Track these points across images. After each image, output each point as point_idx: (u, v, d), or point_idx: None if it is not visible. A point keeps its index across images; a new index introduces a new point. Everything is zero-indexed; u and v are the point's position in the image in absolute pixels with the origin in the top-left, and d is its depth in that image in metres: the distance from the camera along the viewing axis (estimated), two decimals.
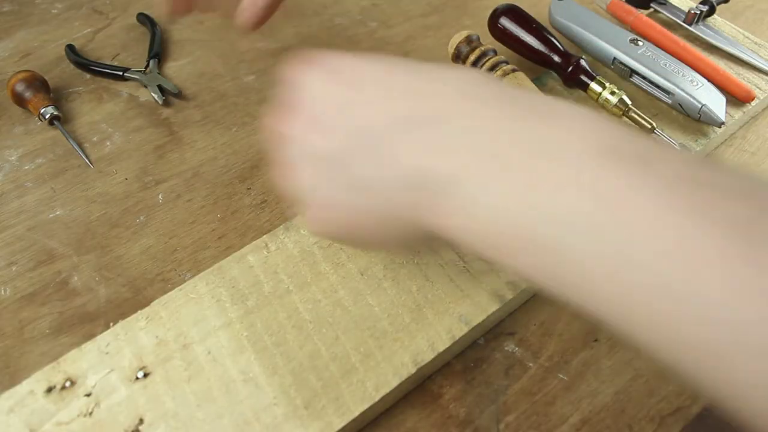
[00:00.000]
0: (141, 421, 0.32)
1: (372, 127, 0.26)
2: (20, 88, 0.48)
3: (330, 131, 0.27)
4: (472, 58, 0.48)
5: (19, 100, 0.49)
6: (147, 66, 0.53)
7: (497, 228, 0.24)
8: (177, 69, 0.54)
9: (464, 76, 0.27)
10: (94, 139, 0.48)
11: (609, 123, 0.23)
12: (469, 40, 0.49)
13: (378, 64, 0.28)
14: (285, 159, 0.30)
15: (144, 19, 0.58)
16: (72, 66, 0.54)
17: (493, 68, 0.47)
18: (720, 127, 0.47)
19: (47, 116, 0.48)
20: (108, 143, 0.48)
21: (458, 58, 0.49)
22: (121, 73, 0.52)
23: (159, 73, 0.53)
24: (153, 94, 0.51)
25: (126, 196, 0.44)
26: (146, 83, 0.52)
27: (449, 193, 0.24)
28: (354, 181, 0.27)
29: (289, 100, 0.29)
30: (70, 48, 0.54)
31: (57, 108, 0.48)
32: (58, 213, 0.43)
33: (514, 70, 0.47)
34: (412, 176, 0.25)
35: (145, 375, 0.33)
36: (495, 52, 0.49)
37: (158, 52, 0.55)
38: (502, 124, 0.24)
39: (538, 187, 0.22)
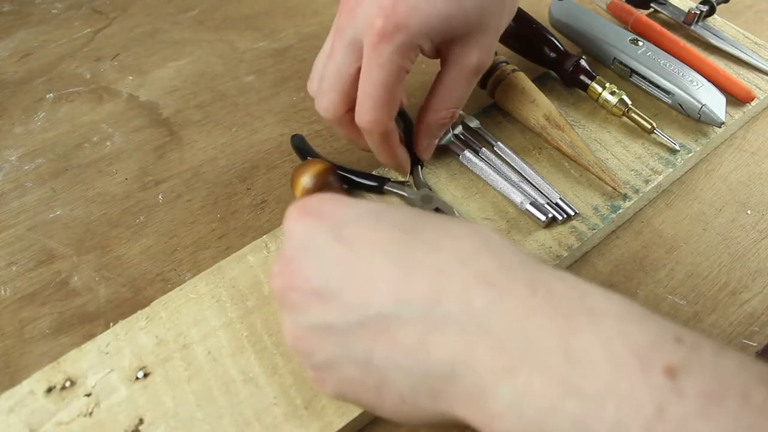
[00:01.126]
0: (141, 421, 0.32)
1: (375, 308, 0.25)
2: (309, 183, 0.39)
3: (333, 303, 0.26)
4: None
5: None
6: (411, 173, 0.42)
7: (519, 427, 0.23)
8: (177, 69, 0.54)
9: (464, 242, 0.26)
10: (95, 139, 0.48)
11: (638, 323, 0.23)
12: None
13: (376, 222, 0.27)
14: (291, 322, 0.28)
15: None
16: (72, 66, 0.54)
17: (492, 68, 0.47)
18: (720, 127, 0.47)
19: None
20: (108, 143, 0.48)
21: None
22: (376, 184, 0.41)
23: (430, 189, 0.42)
24: None
25: (126, 196, 0.44)
26: (418, 203, 0.41)
27: (469, 387, 0.24)
28: (367, 365, 0.26)
29: (288, 255, 0.28)
30: (300, 140, 0.44)
31: None
32: (58, 213, 0.43)
33: (514, 71, 0.47)
34: (428, 367, 0.24)
35: (145, 375, 0.33)
36: (495, 52, 0.48)
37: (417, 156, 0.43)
38: (525, 320, 0.23)
39: (567, 393, 0.22)
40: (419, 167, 0.43)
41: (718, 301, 0.39)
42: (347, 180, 0.42)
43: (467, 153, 0.44)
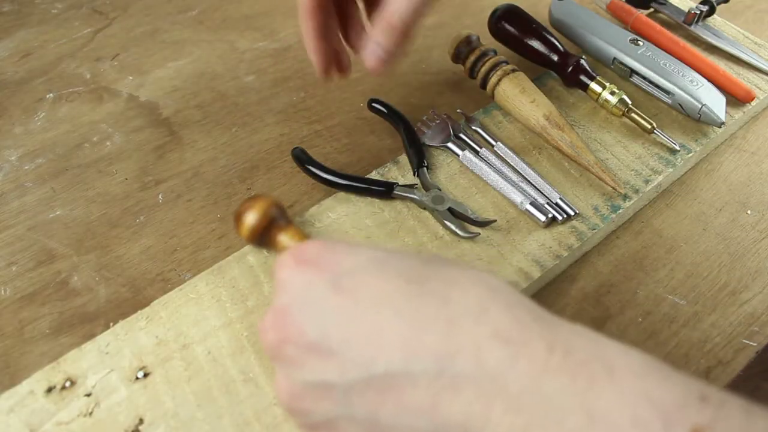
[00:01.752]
0: (141, 421, 0.32)
1: (382, 365, 0.24)
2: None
3: (333, 359, 0.25)
4: (472, 58, 0.48)
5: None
6: (416, 174, 0.43)
7: None
8: (177, 69, 0.54)
9: (472, 294, 0.25)
10: (95, 139, 0.48)
11: (661, 382, 0.22)
12: (468, 40, 0.49)
13: (378, 272, 0.26)
14: (284, 378, 0.27)
15: (381, 108, 0.48)
16: (72, 66, 0.54)
17: (493, 68, 0.47)
18: (720, 127, 0.47)
19: None
20: (108, 143, 0.48)
21: (458, 58, 0.49)
22: (384, 190, 0.41)
23: (440, 189, 0.41)
24: (449, 225, 0.39)
25: (126, 196, 0.44)
26: (430, 205, 0.40)
27: None
28: (372, 425, 0.25)
29: (282, 306, 0.27)
30: (300, 151, 0.44)
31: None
32: (58, 213, 0.43)
33: (513, 70, 0.47)
34: (441, 427, 0.23)
35: (145, 375, 0.33)
36: (495, 52, 0.48)
37: (421, 155, 0.43)
38: (543, 379, 0.22)
39: None
40: (425, 169, 0.43)
41: (718, 301, 0.39)
42: (354, 188, 0.42)
43: (467, 153, 0.44)
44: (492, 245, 0.40)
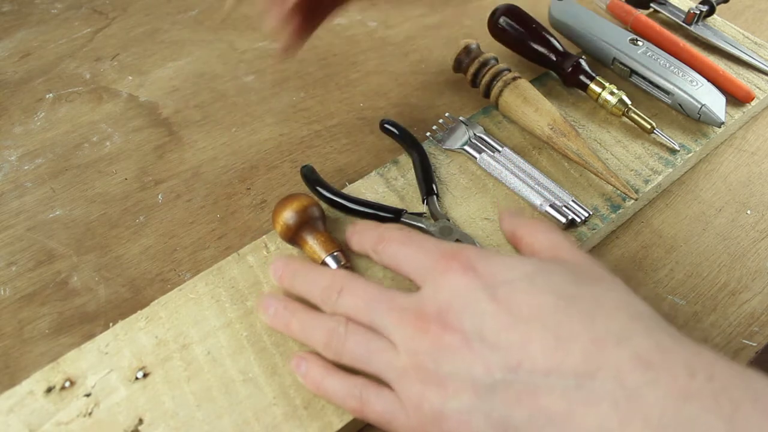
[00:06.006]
0: (140, 421, 0.32)
1: (526, 370, 0.25)
2: (292, 220, 0.37)
3: (482, 356, 0.26)
4: (472, 69, 0.48)
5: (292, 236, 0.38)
6: (425, 202, 0.41)
7: None
8: (177, 69, 0.54)
9: (617, 317, 0.26)
10: (94, 139, 0.48)
11: None
12: (468, 50, 0.48)
13: (530, 286, 0.28)
14: (432, 361, 0.28)
15: (393, 130, 0.46)
16: (72, 66, 0.54)
17: (494, 77, 0.47)
18: (720, 127, 0.47)
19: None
20: (108, 143, 0.48)
21: (459, 68, 0.49)
22: (392, 216, 0.40)
23: (448, 220, 0.40)
24: None
25: (126, 196, 0.44)
26: (437, 236, 0.39)
27: None
28: (504, 424, 0.25)
29: (445, 301, 0.28)
30: (309, 171, 0.42)
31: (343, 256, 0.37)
32: (57, 213, 0.43)
33: (515, 78, 0.46)
34: None
35: (145, 375, 0.33)
36: (497, 60, 0.48)
37: (431, 183, 0.42)
38: (685, 402, 0.23)
39: None
40: (434, 197, 0.41)
41: (717, 301, 0.39)
42: (361, 213, 0.40)
43: (485, 156, 0.43)
44: (491, 246, 0.40)
